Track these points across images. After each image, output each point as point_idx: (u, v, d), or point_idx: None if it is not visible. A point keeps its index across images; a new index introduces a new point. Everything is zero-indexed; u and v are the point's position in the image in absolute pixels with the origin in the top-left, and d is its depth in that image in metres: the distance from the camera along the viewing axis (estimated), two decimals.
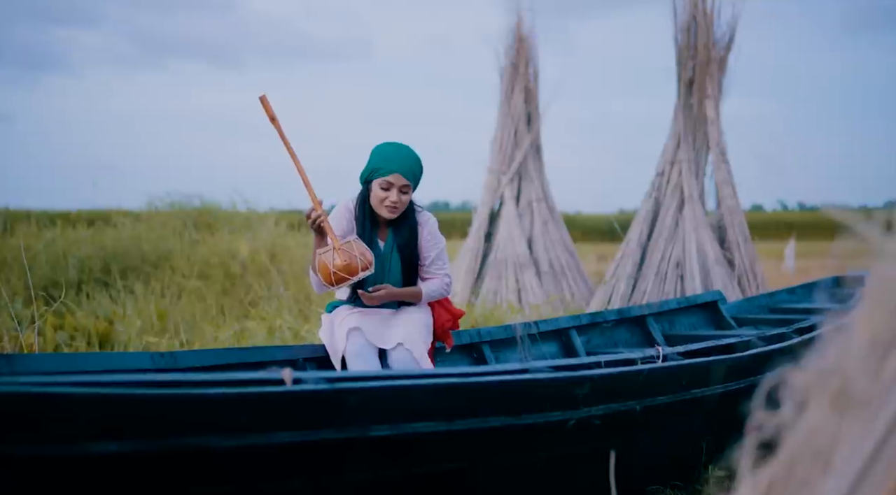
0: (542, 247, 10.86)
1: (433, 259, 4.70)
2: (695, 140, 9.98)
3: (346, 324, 4.53)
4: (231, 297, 10.68)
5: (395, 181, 4.50)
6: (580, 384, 3.41)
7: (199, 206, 15.05)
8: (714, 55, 9.94)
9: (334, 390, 2.74)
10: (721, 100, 10.05)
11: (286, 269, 11.46)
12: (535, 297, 10.30)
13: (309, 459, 2.79)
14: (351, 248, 4.30)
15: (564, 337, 5.89)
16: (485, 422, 3.13)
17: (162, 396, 2.44)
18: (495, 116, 11.57)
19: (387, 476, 3.01)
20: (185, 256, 11.99)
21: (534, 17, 11.58)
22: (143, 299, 9.73)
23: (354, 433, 2.80)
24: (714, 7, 9.99)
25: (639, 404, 3.69)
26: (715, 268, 9.34)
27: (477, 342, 5.34)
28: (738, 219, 9.71)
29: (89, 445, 2.34)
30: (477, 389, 3.13)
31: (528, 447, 3.37)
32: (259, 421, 2.63)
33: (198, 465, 2.59)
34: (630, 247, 9.93)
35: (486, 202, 11.24)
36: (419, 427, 2.94)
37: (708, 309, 6.94)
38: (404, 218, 4.66)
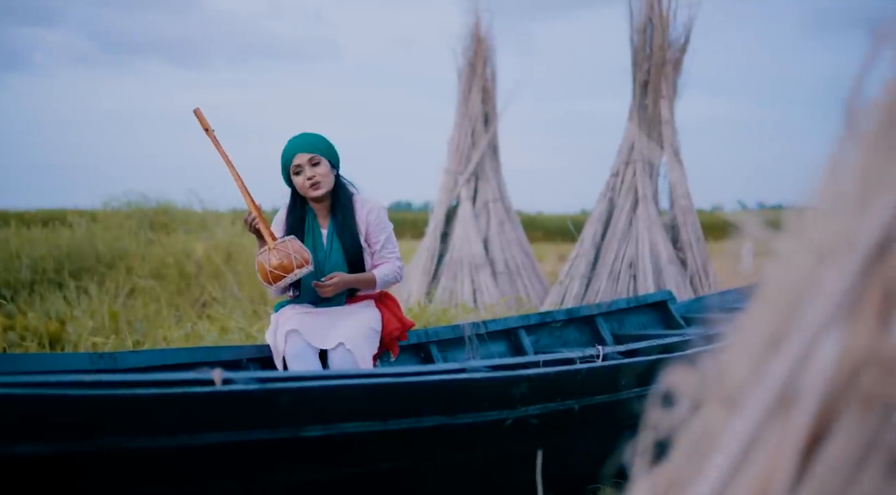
0: (498, 247, 10.88)
1: (383, 243, 4.69)
2: (649, 140, 10.03)
3: (287, 325, 4.52)
4: (185, 298, 10.63)
5: (299, 161, 4.56)
6: (517, 383, 3.42)
7: (156, 206, 14.95)
8: (669, 56, 10.00)
9: (265, 390, 2.73)
10: (675, 100, 10.11)
11: (241, 270, 11.41)
12: (491, 297, 10.31)
13: (240, 460, 2.78)
14: (286, 247, 4.33)
15: (513, 336, 5.91)
16: (421, 422, 3.13)
17: (89, 397, 2.43)
18: (453, 116, 11.58)
19: (320, 476, 3.00)
20: (141, 256, 11.91)
21: (492, 17, 11.60)
22: (96, 299, 9.66)
23: (286, 433, 2.79)
24: (670, 9, 10.05)
25: (577, 403, 3.70)
26: (668, 267, 9.39)
27: (424, 342, 5.34)
28: (691, 219, 9.77)
29: (12, 446, 2.32)
30: (412, 389, 3.13)
31: (464, 447, 3.37)
32: (189, 421, 2.61)
33: (127, 466, 2.58)
34: (584, 247, 9.97)
35: (443, 202, 11.24)
36: (353, 427, 2.94)
37: (658, 308, 6.98)
38: (337, 199, 4.68)
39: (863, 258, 1.01)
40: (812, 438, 0.96)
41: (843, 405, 0.96)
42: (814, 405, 0.96)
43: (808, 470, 0.96)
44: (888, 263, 1.00)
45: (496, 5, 12.42)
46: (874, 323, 0.97)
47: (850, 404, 0.95)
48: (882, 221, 1.02)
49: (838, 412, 0.96)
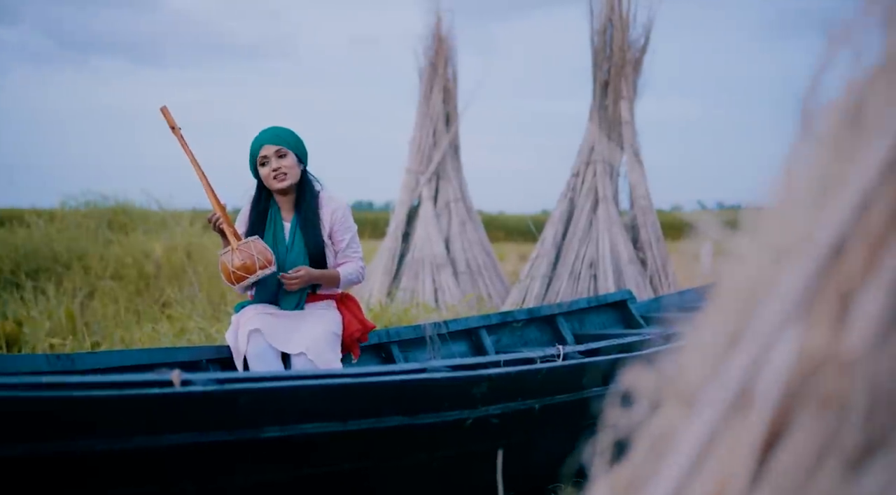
0: (460, 247, 10.89)
1: (348, 242, 4.69)
2: (609, 141, 10.08)
3: (249, 325, 4.50)
4: (145, 298, 10.54)
5: (266, 152, 4.57)
6: (478, 383, 3.42)
7: (114, 206, 14.80)
8: (629, 57, 10.05)
9: (224, 391, 2.71)
10: (635, 101, 10.17)
11: (201, 270, 11.33)
12: (452, 297, 10.32)
13: (200, 461, 2.76)
14: (249, 248, 4.32)
15: (474, 336, 5.91)
16: (381, 423, 3.12)
17: (45, 398, 2.40)
18: (413, 116, 11.58)
19: (280, 477, 2.99)
20: (99, 256, 11.80)
21: (453, 17, 11.61)
22: (53, 300, 9.56)
23: (246, 434, 2.78)
24: (630, 10, 10.10)
25: (538, 403, 3.71)
26: (628, 267, 9.44)
27: (386, 342, 5.33)
28: (651, 219, 9.83)
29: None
30: (373, 389, 3.12)
31: (425, 447, 3.37)
32: (147, 423, 2.59)
33: (84, 469, 2.55)
34: (545, 247, 10.00)
35: (404, 202, 11.23)
36: (313, 428, 2.92)
37: (618, 308, 7.01)
38: (302, 193, 4.67)
39: (819, 258, 1.02)
40: (769, 438, 0.96)
41: (800, 405, 0.97)
42: (771, 404, 0.97)
43: (766, 469, 0.96)
44: (844, 264, 1.01)
45: (455, 5, 12.43)
46: (830, 323, 0.98)
47: (807, 404, 0.96)
48: (838, 221, 1.03)
49: (795, 412, 0.97)
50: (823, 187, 1.18)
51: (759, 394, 1.00)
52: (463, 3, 15.61)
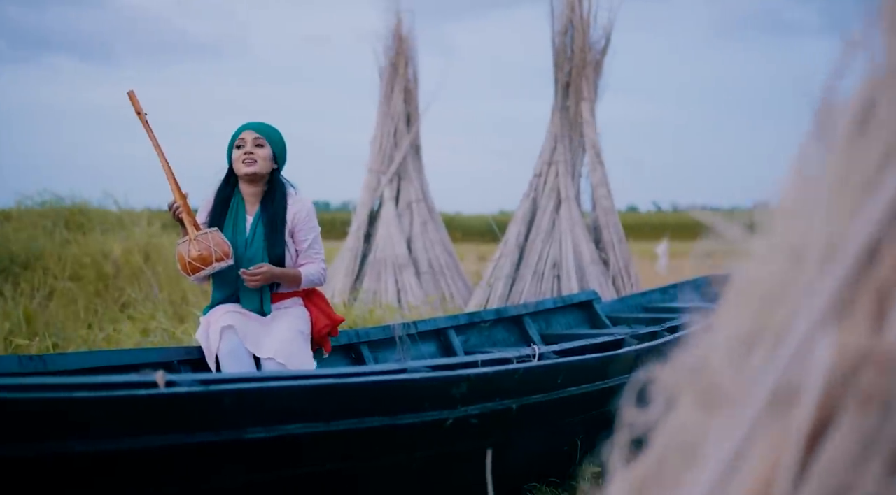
0: (422, 247, 10.89)
1: (310, 243, 4.67)
2: (571, 141, 10.13)
3: (220, 322, 4.48)
4: (104, 299, 10.44)
5: (246, 136, 4.59)
6: (457, 383, 3.43)
7: (71, 205, 14.64)
8: (590, 58, 10.11)
9: (208, 392, 2.70)
10: (597, 102, 10.23)
11: (161, 270, 11.24)
12: (415, 298, 10.32)
13: (184, 463, 2.74)
14: (207, 240, 4.33)
15: (443, 337, 5.93)
16: (362, 423, 3.12)
17: (30, 400, 2.38)
18: (375, 116, 11.57)
19: (264, 478, 2.97)
20: (57, 256, 11.67)
21: (413, 17, 11.61)
22: (11, 301, 9.44)
23: (230, 435, 2.76)
24: (590, 11, 10.16)
25: (515, 402, 3.72)
26: (591, 268, 9.50)
27: (355, 342, 5.33)
28: (613, 220, 9.89)
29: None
30: (354, 390, 3.12)
31: (406, 447, 3.37)
32: (131, 424, 2.57)
33: (70, 471, 2.53)
34: (508, 248, 10.03)
35: (366, 202, 11.21)
36: (296, 428, 2.92)
37: (583, 308, 7.05)
38: (271, 190, 4.65)
39: (855, 257, 1.03)
40: (811, 437, 0.98)
41: (841, 403, 0.98)
42: (814, 403, 0.98)
43: (810, 468, 0.97)
44: (880, 262, 1.02)
45: (412, 5, 12.40)
46: (869, 321, 0.99)
47: (849, 403, 0.97)
48: (871, 222, 1.04)
49: (836, 411, 0.98)
50: (842, 188, 1.19)
51: (801, 394, 1.01)
52: (417, 3, 15.56)
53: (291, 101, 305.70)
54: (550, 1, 10.25)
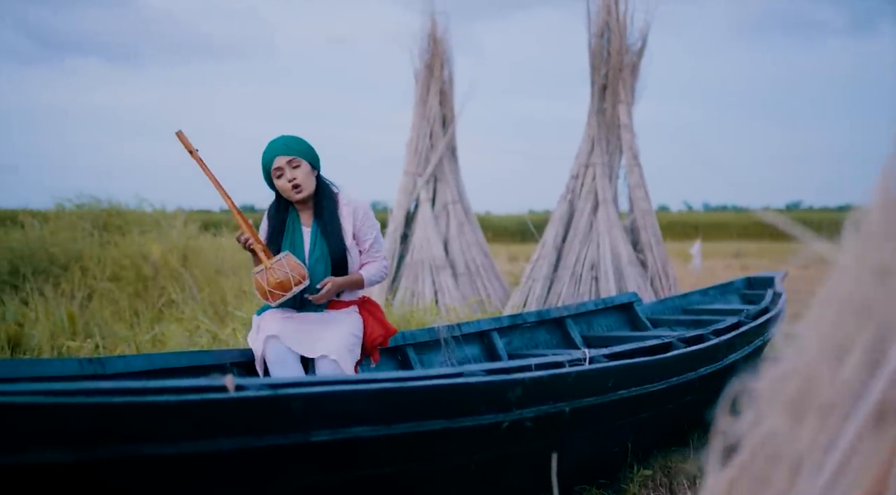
0: (458, 248, 10.94)
1: (371, 241, 4.72)
2: (608, 144, 10.15)
3: (266, 331, 4.54)
4: (144, 300, 10.54)
5: (279, 164, 4.59)
6: (512, 387, 3.47)
7: (107, 207, 14.77)
8: (627, 61, 10.12)
9: (277, 396, 2.75)
10: (633, 104, 10.24)
11: (198, 272, 11.33)
12: (452, 299, 10.36)
13: (253, 466, 2.79)
14: (282, 266, 4.39)
15: (486, 339, 5.97)
16: (422, 426, 3.16)
17: (104, 404, 2.43)
18: (410, 118, 11.61)
19: (329, 481, 3.02)
20: (96, 258, 11.78)
21: (448, 19, 11.66)
22: (52, 302, 9.55)
23: (297, 439, 2.81)
24: (627, 13, 10.17)
25: (568, 405, 3.75)
26: (628, 269, 9.51)
27: (401, 344, 5.38)
28: (651, 221, 9.91)
29: (37, 454, 2.33)
30: (415, 393, 3.16)
31: (463, 450, 3.41)
32: (202, 428, 2.63)
33: (141, 474, 2.59)
34: (546, 249, 10.05)
35: (402, 204, 11.27)
36: (359, 431, 2.96)
37: (624, 310, 7.09)
38: (321, 199, 4.70)
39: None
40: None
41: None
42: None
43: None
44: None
45: (445, 7, 12.45)
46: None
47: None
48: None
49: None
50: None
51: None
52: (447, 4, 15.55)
53: (316, 102, 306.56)
54: (587, 3, 10.27)
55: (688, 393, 4.85)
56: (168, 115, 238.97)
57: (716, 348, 5.05)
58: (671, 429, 5.03)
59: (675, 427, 5.08)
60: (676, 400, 4.77)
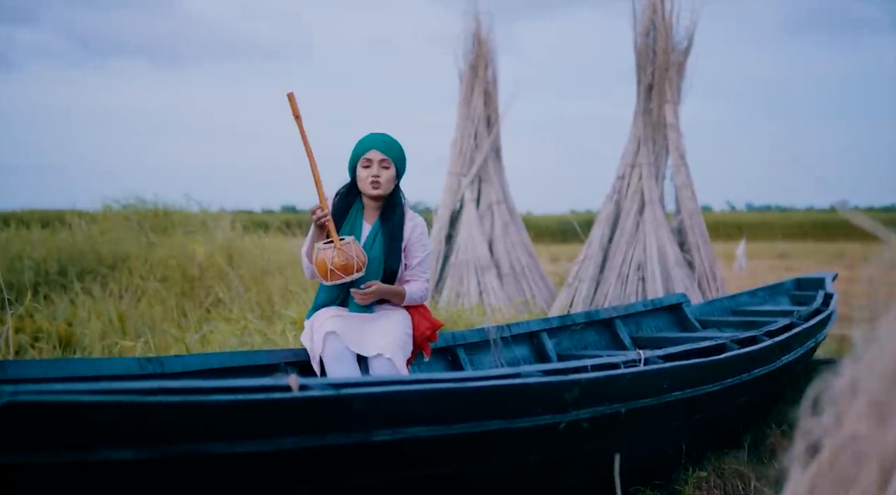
0: (503, 249, 10.93)
1: (420, 261, 4.78)
2: (654, 144, 10.10)
3: (324, 328, 4.58)
4: (191, 299, 10.63)
5: (372, 157, 4.66)
6: (570, 388, 3.48)
7: (153, 208, 14.95)
8: (673, 60, 10.07)
9: (340, 396, 2.77)
10: (680, 104, 10.19)
11: (244, 272, 11.42)
12: (497, 299, 10.36)
13: (315, 464, 2.82)
14: (350, 249, 4.44)
15: (535, 340, 5.98)
16: (480, 426, 3.18)
17: (176, 403, 2.47)
18: (454, 119, 11.63)
19: (389, 479, 3.05)
20: (143, 258, 11.91)
21: (492, 19, 11.65)
22: (101, 301, 9.66)
23: (359, 438, 2.83)
24: (673, 12, 10.12)
25: (624, 407, 3.76)
26: (675, 270, 9.47)
27: (451, 345, 5.40)
28: (698, 222, 9.85)
29: (107, 452, 2.36)
30: (474, 394, 3.18)
31: (521, 450, 3.42)
32: (267, 427, 2.66)
33: (208, 471, 2.62)
34: (592, 250, 10.03)
35: (447, 204, 11.28)
36: (419, 431, 2.98)
37: (673, 311, 7.06)
38: (392, 205, 4.75)
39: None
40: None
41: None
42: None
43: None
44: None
45: (487, 7, 12.43)
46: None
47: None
48: None
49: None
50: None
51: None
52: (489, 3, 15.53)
53: (357, 103, 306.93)
54: (633, 2, 10.24)
55: (741, 395, 4.83)
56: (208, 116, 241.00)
57: (769, 350, 5.03)
58: (725, 431, 5.02)
59: (729, 428, 5.07)
60: (730, 401, 4.75)
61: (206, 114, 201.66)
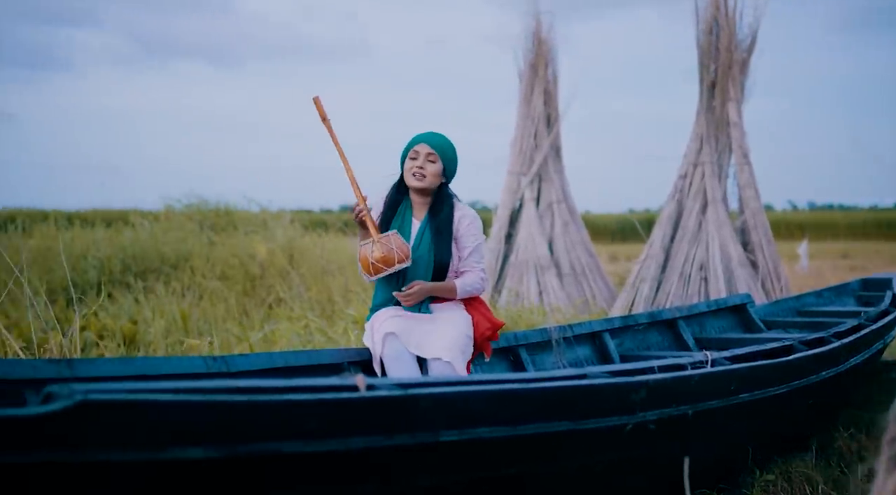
0: (563, 248, 10.89)
1: (471, 251, 4.74)
2: (717, 142, 10.01)
3: (383, 329, 4.58)
4: (253, 298, 10.73)
5: (420, 149, 4.69)
6: (637, 389, 3.44)
7: (215, 207, 15.10)
8: (736, 57, 9.96)
9: (407, 396, 2.77)
10: (743, 102, 10.08)
11: (304, 271, 11.50)
12: (557, 299, 10.33)
13: (382, 464, 2.82)
14: (389, 242, 4.47)
15: (597, 340, 5.94)
16: (546, 427, 3.16)
17: (246, 402, 2.47)
18: (513, 118, 11.62)
19: (455, 479, 3.04)
20: (204, 257, 12.04)
21: (552, 18, 11.62)
22: (164, 300, 9.78)
23: (425, 438, 2.83)
24: (736, 9, 10.02)
25: (691, 409, 3.72)
26: (738, 270, 9.37)
27: (514, 345, 5.38)
28: (761, 221, 9.73)
29: (176, 451, 2.38)
30: (540, 394, 3.16)
31: (587, 451, 3.40)
32: (335, 426, 2.66)
33: (276, 470, 2.63)
34: (653, 249, 9.95)
35: (506, 204, 11.27)
36: (485, 432, 2.97)
37: (737, 312, 6.98)
38: (440, 201, 4.75)
39: None
40: None
41: None
42: None
43: None
44: None
45: (547, 6, 12.42)
46: None
47: None
48: None
49: None
50: None
51: None
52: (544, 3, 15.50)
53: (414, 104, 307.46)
54: (695, 0, 10.15)
55: (809, 397, 4.76)
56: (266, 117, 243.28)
57: (837, 351, 4.95)
58: (792, 434, 4.94)
59: (796, 431, 4.99)
60: (797, 403, 4.68)
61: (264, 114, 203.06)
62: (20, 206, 18.46)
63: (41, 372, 3.53)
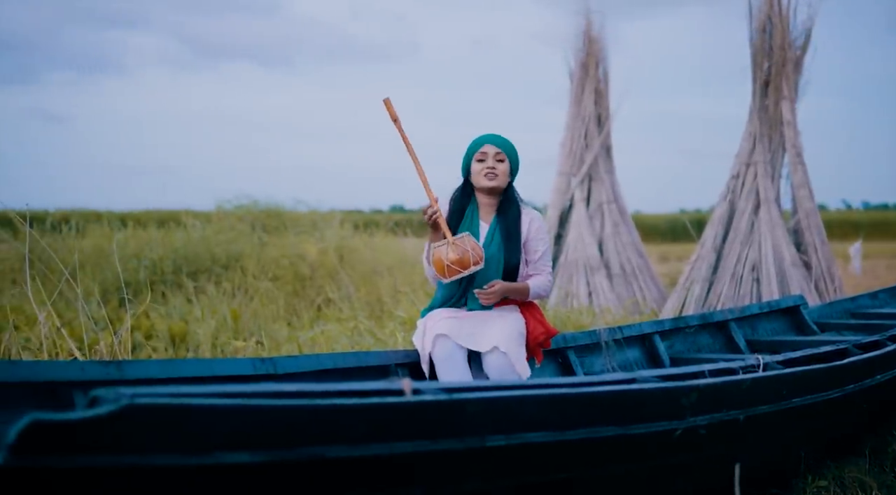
0: (613, 249, 10.83)
1: (541, 255, 4.77)
2: (770, 141, 9.89)
3: (435, 329, 4.58)
4: (302, 299, 10.78)
5: (487, 150, 4.70)
6: (687, 394, 3.39)
7: (265, 208, 15.20)
8: (790, 56, 9.84)
9: (453, 400, 2.75)
10: (797, 100, 9.96)
11: (354, 272, 11.53)
12: (607, 300, 10.27)
13: (429, 469, 2.80)
14: (464, 244, 4.45)
15: (647, 342, 5.88)
16: (595, 432, 3.12)
17: (292, 407, 2.47)
18: (563, 118, 11.57)
19: (503, 485, 3.01)
20: (255, 258, 12.11)
21: (603, 18, 11.56)
22: (215, 300, 9.85)
23: (471, 443, 2.81)
24: (790, 7, 9.90)
25: (742, 413, 3.66)
26: (791, 271, 9.25)
27: (562, 347, 5.34)
28: (815, 222, 9.61)
29: (224, 456, 2.37)
30: (589, 399, 3.12)
31: (636, 457, 3.35)
32: (381, 430, 2.64)
33: (322, 475, 2.62)
34: (705, 250, 9.86)
35: (556, 204, 11.22)
36: (533, 437, 2.94)
37: (790, 314, 6.88)
38: (508, 202, 4.76)
39: None
40: None
41: None
42: None
43: None
44: None
45: (598, 5, 12.34)
46: None
47: None
48: None
49: None
50: None
51: None
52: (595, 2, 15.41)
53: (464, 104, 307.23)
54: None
55: (863, 402, 4.67)
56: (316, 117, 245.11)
57: (893, 354, 4.85)
58: (845, 439, 4.86)
59: (850, 436, 4.91)
60: (851, 408, 4.60)
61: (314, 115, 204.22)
62: (74, 207, 18.66)
63: (90, 373, 3.56)
